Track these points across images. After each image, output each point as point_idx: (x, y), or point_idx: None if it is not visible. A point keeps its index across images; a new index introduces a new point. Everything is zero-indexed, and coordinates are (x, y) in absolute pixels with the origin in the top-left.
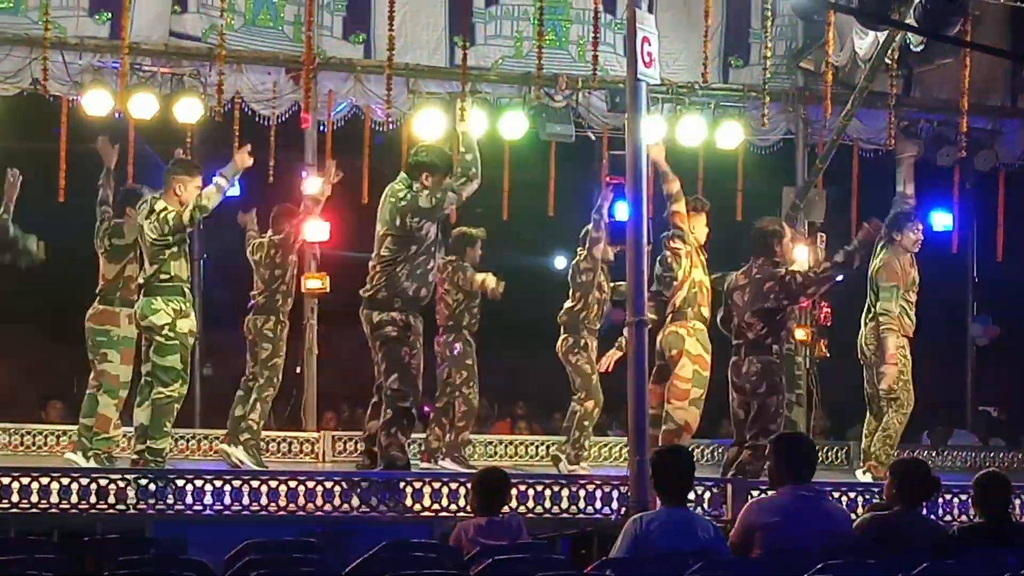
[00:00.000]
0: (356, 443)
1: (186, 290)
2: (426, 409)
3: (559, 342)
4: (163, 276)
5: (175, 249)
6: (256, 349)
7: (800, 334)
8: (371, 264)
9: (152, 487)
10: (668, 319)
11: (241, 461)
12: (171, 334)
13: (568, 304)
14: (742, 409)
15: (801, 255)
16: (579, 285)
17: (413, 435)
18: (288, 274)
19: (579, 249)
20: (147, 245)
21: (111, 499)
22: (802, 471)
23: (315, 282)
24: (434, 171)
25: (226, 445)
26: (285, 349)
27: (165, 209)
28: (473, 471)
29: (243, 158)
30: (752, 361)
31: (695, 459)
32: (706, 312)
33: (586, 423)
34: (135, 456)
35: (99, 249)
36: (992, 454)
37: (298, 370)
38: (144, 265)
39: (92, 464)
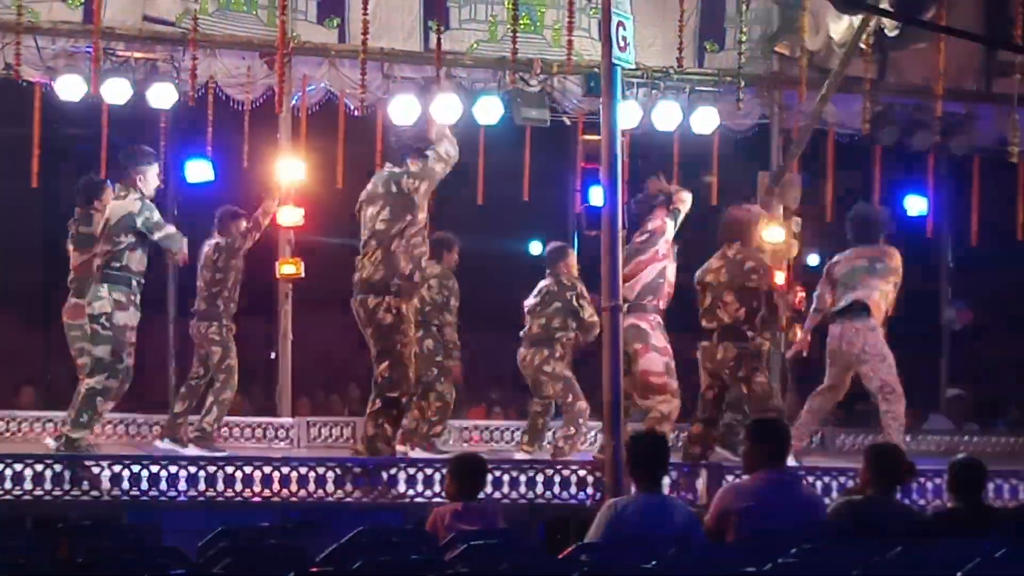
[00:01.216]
0: (331, 429)
1: (134, 283)
2: None
3: (529, 356)
4: (115, 264)
5: (133, 239)
6: (204, 354)
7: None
8: (364, 245)
9: (127, 473)
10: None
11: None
12: (107, 323)
13: (539, 322)
14: (711, 390)
15: (776, 235)
16: (556, 310)
17: None
18: (231, 280)
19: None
20: (109, 226)
21: (85, 485)
22: (777, 455)
23: (289, 267)
24: (418, 150)
25: (159, 440)
26: (235, 348)
27: (152, 207)
28: (446, 457)
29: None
30: (728, 347)
31: (670, 444)
32: (663, 305)
33: (580, 420)
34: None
35: (70, 241)
36: (966, 438)
37: (272, 356)
38: (101, 245)
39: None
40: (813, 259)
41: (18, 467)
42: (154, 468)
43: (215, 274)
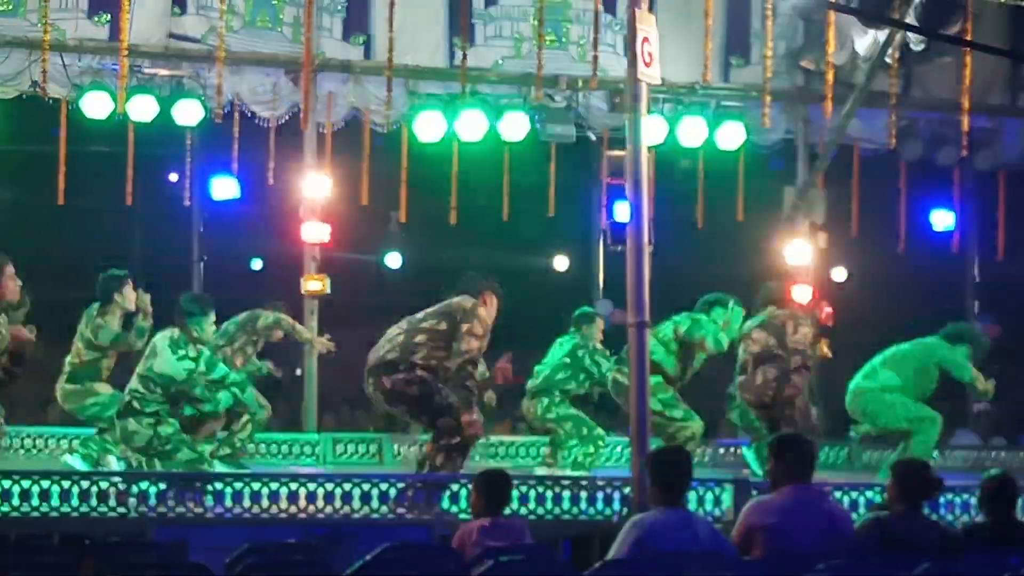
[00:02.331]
0: (357, 445)
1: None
2: None
3: (532, 406)
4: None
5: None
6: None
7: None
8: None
9: (153, 490)
10: None
11: None
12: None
13: (545, 373)
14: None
15: (803, 252)
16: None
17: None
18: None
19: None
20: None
21: (111, 502)
22: (803, 471)
23: (315, 283)
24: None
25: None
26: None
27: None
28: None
29: None
30: (766, 370)
31: (696, 460)
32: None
33: (600, 442)
34: None
35: (80, 334)
36: (993, 453)
37: (298, 372)
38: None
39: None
40: (839, 274)
41: (45, 484)
42: (181, 485)
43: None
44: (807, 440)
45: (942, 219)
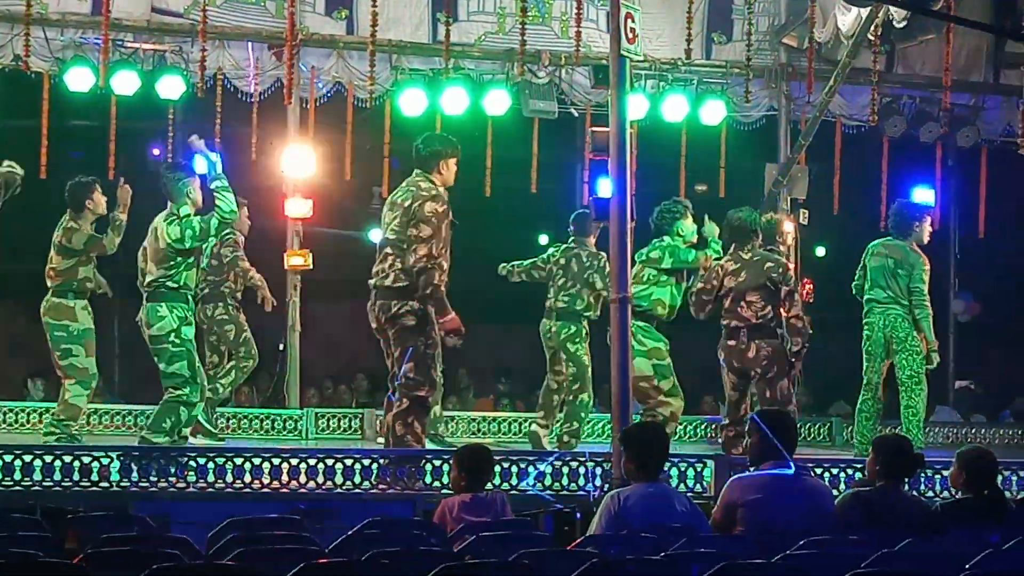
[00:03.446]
0: (339, 420)
1: (190, 298)
2: None
3: (553, 329)
4: (171, 284)
5: (191, 259)
6: (215, 339)
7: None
8: (384, 250)
9: (135, 464)
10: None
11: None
12: (178, 340)
13: (564, 297)
14: (737, 391)
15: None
16: (574, 275)
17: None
18: (231, 272)
19: (585, 241)
20: (159, 248)
21: (94, 476)
22: (784, 448)
23: (298, 259)
24: (448, 156)
25: (192, 436)
26: (247, 324)
27: (190, 216)
28: (453, 448)
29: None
30: (761, 346)
31: (677, 436)
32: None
33: (583, 415)
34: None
35: (53, 244)
36: (974, 430)
37: (280, 347)
38: (147, 266)
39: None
40: (820, 251)
41: (28, 458)
42: (163, 460)
43: (212, 260)
44: (789, 415)
45: (923, 196)
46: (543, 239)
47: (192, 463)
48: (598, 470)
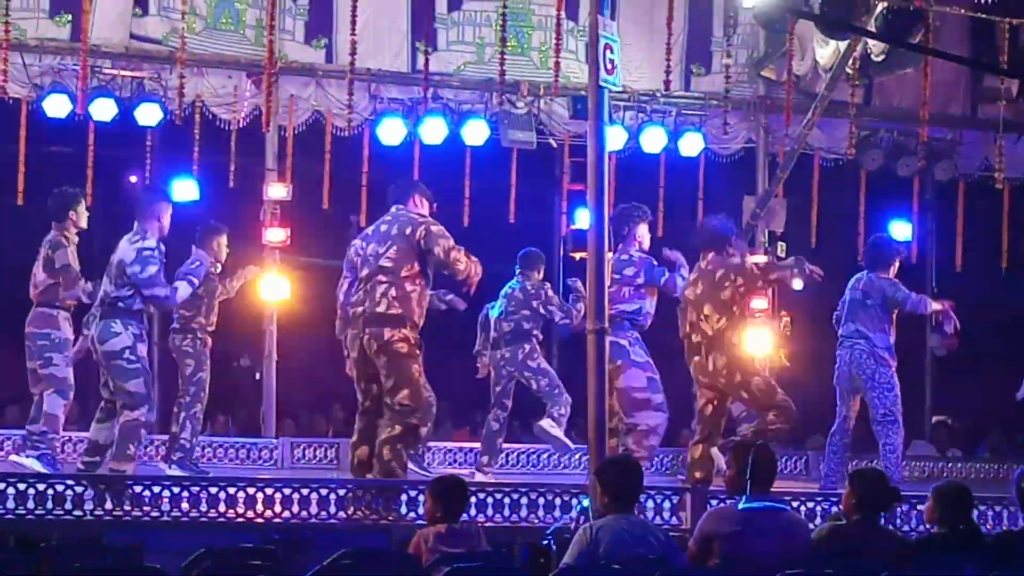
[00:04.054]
0: (315, 449)
1: (144, 319)
2: None
3: (507, 355)
4: (123, 305)
5: None
6: (180, 367)
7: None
8: (375, 279)
9: (110, 493)
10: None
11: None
12: (133, 358)
13: (508, 325)
14: (709, 404)
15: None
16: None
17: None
18: (206, 302)
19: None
20: (117, 265)
21: (67, 505)
22: (762, 480)
23: (275, 288)
24: (419, 192)
25: (165, 465)
26: (209, 362)
27: (153, 253)
28: (430, 477)
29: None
30: (717, 357)
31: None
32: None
33: (568, 403)
34: (81, 465)
35: (41, 254)
36: (950, 464)
37: (257, 376)
38: (104, 284)
39: (38, 465)
40: (797, 284)
41: (1, 486)
42: (137, 488)
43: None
44: (768, 448)
45: (901, 230)
46: None
47: (166, 492)
48: (574, 501)
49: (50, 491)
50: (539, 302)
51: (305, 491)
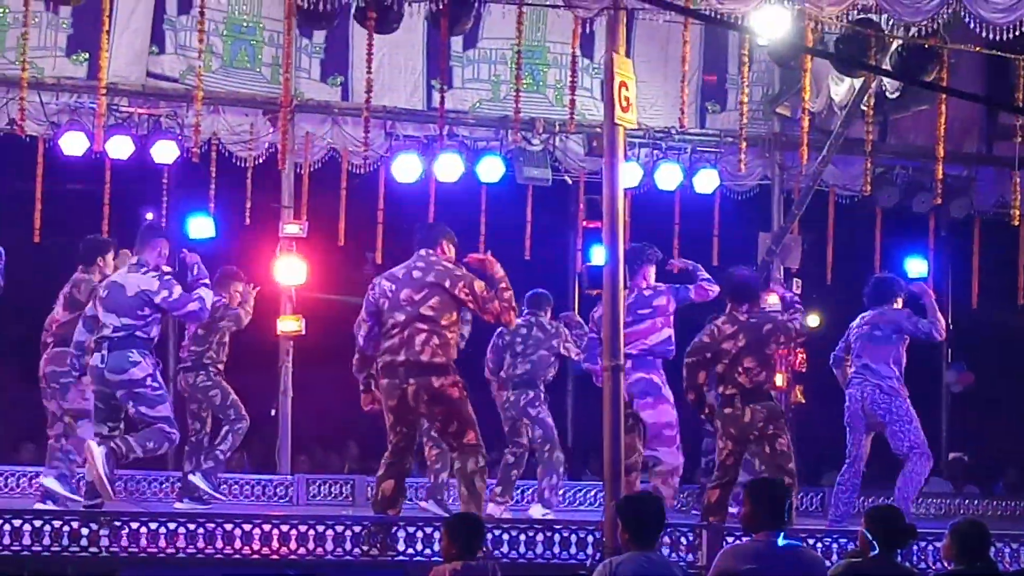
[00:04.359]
0: (330, 486)
1: (154, 352)
2: None
3: (511, 398)
4: (140, 335)
5: (159, 315)
6: (196, 408)
7: (778, 380)
8: (414, 326)
9: (126, 529)
10: (630, 365)
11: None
12: (156, 384)
13: (526, 366)
14: (732, 456)
15: (775, 301)
16: (535, 342)
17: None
18: (216, 337)
19: (540, 315)
20: (127, 297)
21: (83, 542)
22: (777, 517)
23: (290, 324)
24: (448, 239)
25: (178, 502)
26: (231, 389)
27: (170, 277)
28: (446, 515)
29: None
30: (754, 409)
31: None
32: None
33: (560, 469)
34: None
35: (63, 293)
36: (967, 501)
37: (272, 412)
38: (106, 318)
39: (66, 490)
40: (813, 320)
41: (16, 522)
42: (153, 525)
43: (198, 330)
44: (783, 485)
45: (916, 267)
46: None
47: (182, 528)
48: (590, 538)
49: (65, 528)
50: (559, 341)
51: (321, 528)
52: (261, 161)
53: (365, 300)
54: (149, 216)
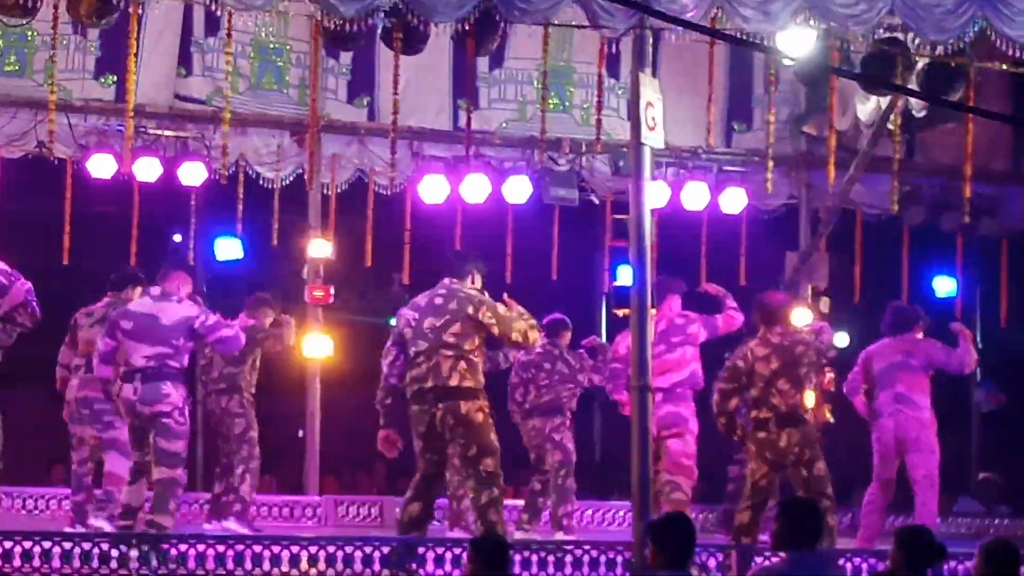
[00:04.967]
0: (359, 508)
1: (186, 382)
2: None
3: (537, 425)
4: (174, 364)
5: (191, 343)
6: (227, 427)
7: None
8: (439, 353)
9: (155, 552)
10: (660, 398)
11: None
12: (181, 419)
13: (548, 395)
14: (765, 479)
15: (804, 319)
16: (559, 373)
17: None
18: (249, 362)
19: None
20: (161, 326)
21: (113, 563)
22: (808, 536)
23: (318, 345)
24: (478, 271)
25: (207, 523)
26: (256, 423)
27: (207, 310)
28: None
29: None
30: (791, 433)
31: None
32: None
33: (573, 497)
34: (115, 530)
35: (95, 316)
36: (996, 521)
37: (300, 434)
38: (141, 350)
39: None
40: (842, 339)
41: (46, 544)
42: (182, 547)
43: (240, 356)
44: (815, 504)
45: (944, 285)
46: None
47: (211, 550)
48: (619, 559)
49: (95, 550)
50: (584, 375)
51: (349, 549)
52: (288, 182)
53: (394, 332)
54: (177, 238)
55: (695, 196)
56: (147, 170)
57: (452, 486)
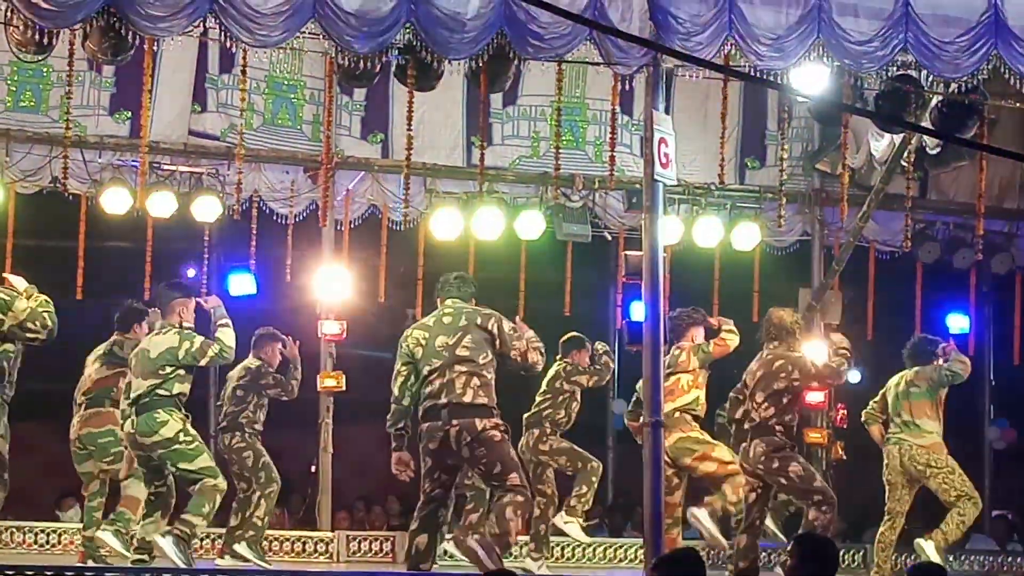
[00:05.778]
0: (371, 543)
1: (182, 407)
2: None
3: (524, 441)
4: (162, 392)
5: (182, 372)
6: (237, 468)
7: (816, 436)
8: (453, 369)
9: None
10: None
11: (244, 557)
12: (188, 438)
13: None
14: (754, 492)
15: (818, 351)
16: (555, 390)
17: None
18: (253, 400)
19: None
20: (149, 359)
21: None
22: (822, 572)
23: (330, 380)
24: (474, 294)
25: (219, 557)
26: (265, 451)
27: (192, 332)
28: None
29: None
30: (757, 444)
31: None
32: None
33: (593, 478)
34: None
35: (100, 352)
36: (1010, 559)
37: (312, 469)
38: (133, 383)
39: (120, 546)
40: (854, 376)
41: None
42: None
43: (236, 391)
44: (831, 543)
45: (958, 322)
46: None
47: None
48: None
49: None
50: (569, 384)
51: None
52: (302, 218)
53: (398, 353)
54: (191, 273)
55: (708, 232)
56: (161, 205)
57: (466, 511)
